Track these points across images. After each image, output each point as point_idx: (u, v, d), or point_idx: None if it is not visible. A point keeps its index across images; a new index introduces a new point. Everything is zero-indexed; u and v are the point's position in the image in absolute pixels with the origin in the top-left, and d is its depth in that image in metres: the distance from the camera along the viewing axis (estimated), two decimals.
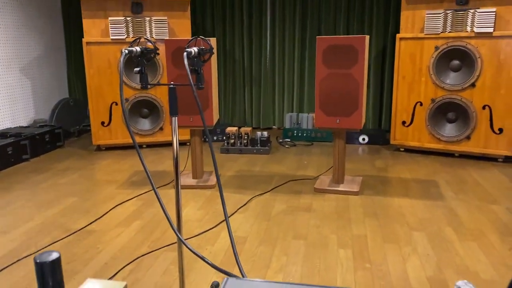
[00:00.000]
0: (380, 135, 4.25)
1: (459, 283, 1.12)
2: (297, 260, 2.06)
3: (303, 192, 2.97)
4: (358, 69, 2.73)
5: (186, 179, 3.16)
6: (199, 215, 2.60)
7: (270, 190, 3.01)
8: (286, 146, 4.29)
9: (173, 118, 1.28)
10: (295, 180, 3.23)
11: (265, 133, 4.08)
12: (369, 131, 4.35)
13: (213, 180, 3.15)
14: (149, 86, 4.14)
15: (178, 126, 2.99)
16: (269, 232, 2.37)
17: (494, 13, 3.34)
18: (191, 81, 1.09)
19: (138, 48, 1.24)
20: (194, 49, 1.25)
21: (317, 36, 2.86)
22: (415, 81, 3.71)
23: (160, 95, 4.06)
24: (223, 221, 2.52)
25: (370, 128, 4.66)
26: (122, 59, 1.13)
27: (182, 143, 4.31)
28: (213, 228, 2.43)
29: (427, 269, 1.96)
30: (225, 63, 4.96)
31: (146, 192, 3.00)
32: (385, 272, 1.94)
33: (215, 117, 3.04)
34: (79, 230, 2.42)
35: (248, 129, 4.07)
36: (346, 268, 1.98)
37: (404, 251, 2.13)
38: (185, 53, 1.14)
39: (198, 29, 4.87)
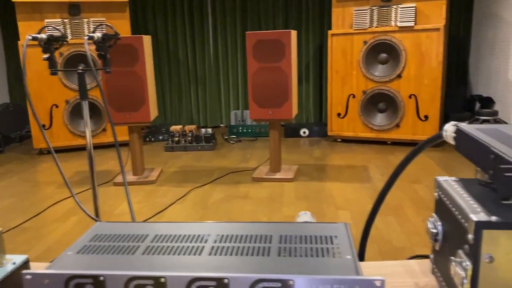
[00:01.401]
0: (320, 128, 4.44)
1: (300, 213, 1.26)
2: None
3: (242, 182, 3.09)
4: (286, 62, 2.88)
5: (127, 176, 3.20)
6: (137, 208, 2.65)
7: (210, 182, 3.10)
8: (231, 142, 4.40)
9: (83, 103, 1.36)
10: (236, 172, 3.34)
11: (209, 130, 4.17)
12: (310, 125, 4.53)
13: (153, 175, 3.21)
14: (85, 90, 4.05)
15: (116, 123, 3.03)
16: (205, 218, 2.46)
17: (414, 8, 3.59)
18: (92, 65, 1.17)
19: (44, 35, 1.30)
20: (97, 34, 1.33)
21: (246, 32, 2.98)
22: (347, 75, 3.92)
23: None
24: (160, 212, 2.59)
25: (312, 122, 4.85)
26: (24, 44, 1.20)
27: (125, 144, 4.31)
28: (150, 218, 2.49)
29: None
30: (169, 63, 5.01)
31: (85, 190, 3.02)
32: None
33: (153, 113, 3.10)
34: (14, 228, 2.42)
35: (193, 126, 4.14)
36: None
37: None
38: (86, 37, 1.22)
39: (140, 30, 4.90)
